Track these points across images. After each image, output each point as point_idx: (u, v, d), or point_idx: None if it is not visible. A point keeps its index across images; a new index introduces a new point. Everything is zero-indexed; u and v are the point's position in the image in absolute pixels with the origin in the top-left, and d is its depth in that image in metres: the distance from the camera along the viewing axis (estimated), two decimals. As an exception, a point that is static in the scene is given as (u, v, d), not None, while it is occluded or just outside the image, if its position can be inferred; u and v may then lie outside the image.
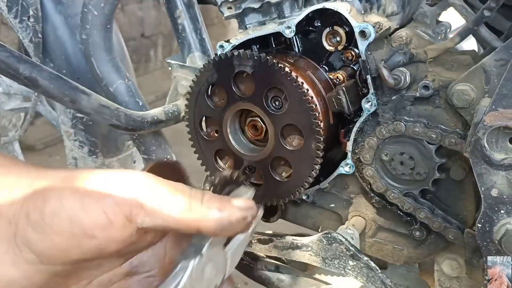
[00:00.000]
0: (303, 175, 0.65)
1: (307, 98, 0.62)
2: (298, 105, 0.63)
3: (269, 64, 0.62)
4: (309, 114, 0.62)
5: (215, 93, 0.70)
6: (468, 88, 0.59)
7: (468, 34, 0.62)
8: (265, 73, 0.63)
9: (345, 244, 0.65)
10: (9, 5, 1.07)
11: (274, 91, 0.65)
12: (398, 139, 0.64)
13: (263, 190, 0.68)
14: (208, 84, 0.69)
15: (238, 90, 0.67)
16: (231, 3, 0.73)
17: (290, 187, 0.67)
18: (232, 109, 0.68)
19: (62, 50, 1.06)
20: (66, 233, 0.39)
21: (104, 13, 0.82)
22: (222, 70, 0.66)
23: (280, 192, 0.68)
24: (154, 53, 3.51)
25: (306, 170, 0.65)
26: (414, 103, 0.64)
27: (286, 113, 0.64)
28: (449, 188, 0.65)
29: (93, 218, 0.39)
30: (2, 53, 0.63)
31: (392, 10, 0.67)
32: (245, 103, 0.66)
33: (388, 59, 0.63)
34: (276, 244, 0.70)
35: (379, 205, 0.71)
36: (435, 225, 0.64)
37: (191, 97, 0.70)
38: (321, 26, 0.69)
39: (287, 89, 0.63)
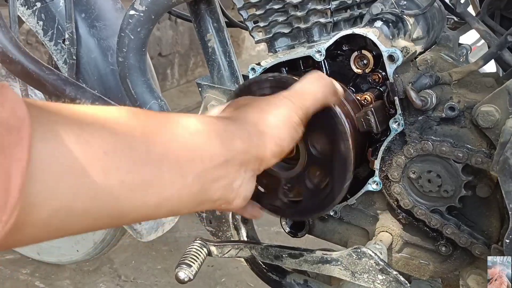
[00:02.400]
0: (338, 183, 0.67)
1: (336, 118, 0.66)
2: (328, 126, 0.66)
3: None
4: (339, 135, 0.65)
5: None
6: (493, 109, 0.62)
7: (492, 58, 0.65)
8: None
9: (375, 259, 0.67)
10: (45, 29, 1.12)
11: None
12: (425, 157, 0.67)
13: (304, 204, 0.70)
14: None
15: None
16: (262, 28, 0.78)
17: (328, 196, 0.68)
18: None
19: (94, 71, 1.11)
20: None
21: (140, 37, 0.87)
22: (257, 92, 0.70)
23: (320, 203, 0.69)
24: (171, 72, 3.58)
25: (341, 177, 0.66)
26: (440, 123, 0.67)
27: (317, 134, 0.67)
28: (474, 205, 0.68)
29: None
30: (51, 76, 0.68)
31: (418, 35, 0.71)
32: None
33: (415, 82, 0.66)
34: (306, 258, 0.73)
35: (405, 221, 0.73)
36: (462, 240, 0.67)
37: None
38: (349, 49, 0.73)
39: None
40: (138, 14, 0.85)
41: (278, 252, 0.75)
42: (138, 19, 0.85)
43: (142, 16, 0.85)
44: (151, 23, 0.87)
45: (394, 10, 0.70)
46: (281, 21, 0.75)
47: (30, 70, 0.66)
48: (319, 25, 0.73)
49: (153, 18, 0.87)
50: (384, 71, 0.68)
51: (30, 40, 2.55)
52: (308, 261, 0.73)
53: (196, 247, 0.75)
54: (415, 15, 0.70)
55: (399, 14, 0.69)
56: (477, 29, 0.66)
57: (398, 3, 0.70)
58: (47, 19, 1.11)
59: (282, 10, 0.74)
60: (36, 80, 0.66)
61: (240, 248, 0.78)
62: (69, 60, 1.08)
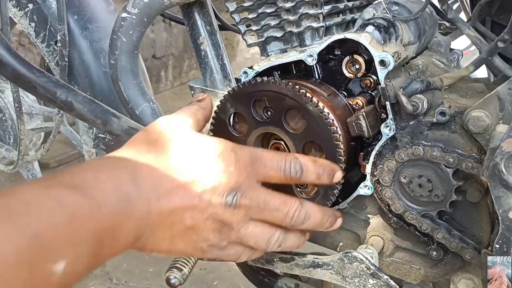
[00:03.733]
0: (327, 192, 0.68)
1: (328, 121, 0.66)
2: (320, 130, 0.66)
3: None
4: (331, 139, 0.66)
5: (236, 121, 0.73)
6: (483, 114, 0.62)
7: (483, 63, 0.65)
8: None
9: (366, 263, 0.67)
10: (37, 30, 1.12)
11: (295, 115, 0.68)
12: (416, 162, 0.67)
13: None
14: (233, 111, 0.72)
15: (258, 115, 0.70)
16: (254, 32, 0.78)
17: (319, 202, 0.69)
18: (254, 133, 0.71)
19: (86, 73, 1.11)
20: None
21: (132, 40, 0.87)
22: (245, 98, 0.70)
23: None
24: (165, 74, 3.57)
25: (329, 189, 0.67)
26: (431, 128, 0.67)
27: (306, 135, 0.67)
28: (465, 209, 0.68)
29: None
30: (42, 79, 0.67)
31: (409, 40, 0.71)
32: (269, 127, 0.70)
33: (407, 87, 0.67)
34: (297, 262, 0.73)
35: (397, 226, 0.73)
36: (453, 245, 0.67)
37: (216, 123, 0.74)
38: (341, 54, 0.73)
39: (309, 113, 0.66)
40: (131, 16, 0.85)
41: (270, 256, 0.75)
42: (130, 22, 0.85)
43: (135, 19, 0.85)
44: (144, 25, 0.87)
45: (386, 15, 0.70)
46: (273, 25, 0.75)
47: (21, 73, 0.65)
48: (312, 29, 0.73)
49: (145, 20, 0.86)
50: (375, 75, 0.69)
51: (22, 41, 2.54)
52: (299, 265, 0.73)
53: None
54: (407, 20, 0.70)
55: (391, 19, 0.69)
56: (468, 34, 0.67)
57: (390, 8, 0.71)
58: (39, 21, 1.10)
59: (274, 14, 0.74)
60: (26, 82, 0.66)
61: (231, 252, 0.77)
62: (61, 62, 1.08)
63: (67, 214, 0.43)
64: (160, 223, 0.54)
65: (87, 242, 0.45)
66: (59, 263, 0.42)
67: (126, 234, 0.50)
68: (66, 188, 0.46)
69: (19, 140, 1.29)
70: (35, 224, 0.41)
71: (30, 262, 0.40)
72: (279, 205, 0.60)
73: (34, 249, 0.40)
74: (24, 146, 1.33)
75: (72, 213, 0.44)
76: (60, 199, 0.44)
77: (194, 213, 0.55)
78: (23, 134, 1.28)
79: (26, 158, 1.36)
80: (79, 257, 0.44)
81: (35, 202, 0.42)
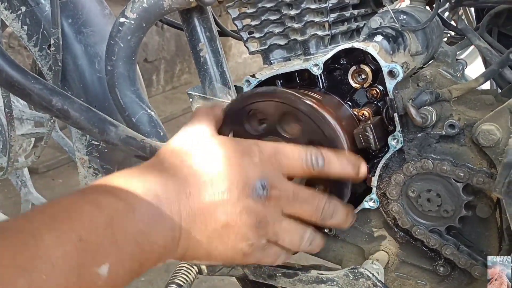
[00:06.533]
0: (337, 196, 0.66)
1: (334, 133, 0.64)
2: (325, 141, 0.64)
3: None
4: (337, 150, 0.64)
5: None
6: (494, 128, 0.61)
7: (493, 75, 0.64)
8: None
9: (372, 280, 0.65)
10: (30, 34, 1.08)
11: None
12: (425, 176, 0.65)
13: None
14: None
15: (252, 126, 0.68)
16: (257, 39, 0.75)
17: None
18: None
19: (80, 78, 1.08)
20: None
21: (130, 46, 0.84)
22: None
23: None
24: (156, 78, 3.54)
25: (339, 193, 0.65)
26: (439, 141, 0.66)
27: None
28: (474, 225, 0.66)
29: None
30: (37, 86, 0.65)
31: (417, 50, 0.69)
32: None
33: (416, 98, 0.65)
34: (301, 278, 0.70)
35: (403, 240, 0.71)
36: (462, 261, 0.65)
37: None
38: (346, 63, 0.71)
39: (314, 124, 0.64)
40: (129, 21, 0.82)
41: (272, 271, 0.73)
42: (128, 27, 0.83)
43: (133, 24, 0.83)
44: (142, 31, 0.85)
45: (394, 25, 0.68)
46: (277, 33, 0.73)
47: (15, 79, 0.62)
48: (317, 37, 0.71)
49: (144, 26, 0.84)
50: (382, 86, 0.67)
51: (12, 44, 2.50)
52: (303, 280, 0.70)
53: (186, 265, 0.73)
54: (415, 30, 0.68)
55: (399, 29, 0.67)
56: (477, 46, 0.65)
57: (397, 17, 0.69)
58: (32, 24, 1.07)
59: (278, 21, 0.72)
60: (20, 89, 0.63)
61: (232, 266, 0.75)
62: (54, 67, 1.05)
63: (106, 216, 0.46)
64: (193, 222, 0.53)
65: (127, 244, 0.46)
66: (103, 267, 0.43)
67: (163, 236, 0.50)
68: (101, 193, 0.48)
69: (9, 146, 1.25)
70: (78, 228, 0.43)
71: (78, 266, 0.41)
72: (308, 197, 0.60)
73: (80, 252, 0.42)
74: (14, 152, 1.29)
75: (110, 215, 0.46)
76: (98, 202, 0.47)
77: (227, 208, 0.54)
78: (13, 140, 1.24)
79: (16, 164, 1.32)
80: (121, 260, 0.45)
81: (75, 207, 0.45)
